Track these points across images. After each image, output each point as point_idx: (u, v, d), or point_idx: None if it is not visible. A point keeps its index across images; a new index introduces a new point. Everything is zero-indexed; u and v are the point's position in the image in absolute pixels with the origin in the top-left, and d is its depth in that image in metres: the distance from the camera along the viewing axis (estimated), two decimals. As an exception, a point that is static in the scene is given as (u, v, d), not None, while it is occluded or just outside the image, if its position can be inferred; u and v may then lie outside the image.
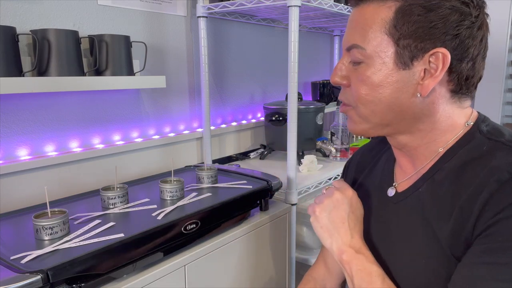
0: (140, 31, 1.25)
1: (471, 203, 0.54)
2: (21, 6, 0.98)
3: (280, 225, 1.17)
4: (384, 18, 0.58)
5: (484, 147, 0.59)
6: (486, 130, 0.61)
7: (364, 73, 0.60)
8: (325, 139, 1.62)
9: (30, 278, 0.62)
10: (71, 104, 1.11)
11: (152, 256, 0.82)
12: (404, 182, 0.69)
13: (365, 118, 0.64)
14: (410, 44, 0.57)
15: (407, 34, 0.56)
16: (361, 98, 0.62)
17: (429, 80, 0.58)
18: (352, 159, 0.87)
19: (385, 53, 0.58)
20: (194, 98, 1.47)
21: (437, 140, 0.63)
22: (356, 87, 0.62)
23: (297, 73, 1.16)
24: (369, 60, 0.60)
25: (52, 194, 1.01)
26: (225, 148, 1.60)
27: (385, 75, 0.59)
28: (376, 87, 0.60)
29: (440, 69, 0.57)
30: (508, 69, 1.84)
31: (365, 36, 0.59)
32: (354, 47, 0.61)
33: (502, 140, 0.58)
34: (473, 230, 0.54)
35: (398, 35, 0.57)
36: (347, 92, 0.65)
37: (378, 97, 0.60)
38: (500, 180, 0.53)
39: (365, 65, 0.60)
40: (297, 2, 1.12)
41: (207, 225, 0.92)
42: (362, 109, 0.63)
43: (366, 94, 0.61)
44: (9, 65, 0.89)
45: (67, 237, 0.77)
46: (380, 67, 0.59)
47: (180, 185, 1.00)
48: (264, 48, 1.76)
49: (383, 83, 0.59)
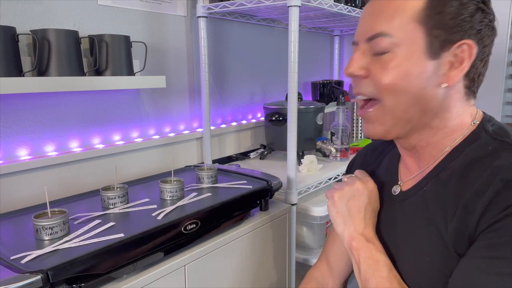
0: (140, 31, 1.25)
1: (475, 201, 0.55)
2: (21, 6, 0.98)
3: (280, 225, 1.17)
4: (415, 6, 0.57)
5: (490, 147, 0.59)
6: (492, 130, 0.61)
7: (391, 62, 0.59)
8: (325, 139, 1.61)
9: (30, 278, 0.62)
10: (71, 104, 1.11)
11: (152, 256, 0.82)
12: (409, 181, 0.69)
13: (389, 112, 0.61)
14: (441, 34, 0.57)
15: (439, 24, 0.57)
16: (388, 88, 0.59)
17: (456, 71, 0.59)
18: (356, 158, 0.87)
19: (415, 42, 0.58)
20: (194, 98, 1.47)
21: (445, 139, 0.63)
22: (381, 76, 0.60)
23: (297, 73, 1.16)
24: (397, 49, 0.58)
25: (52, 194, 1.01)
26: (225, 148, 1.60)
27: (414, 65, 0.58)
28: (404, 76, 0.58)
29: (467, 60, 0.58)
30: (508, 69, 1.84)
31: (394, 24, 0.58)
32: (380, 36, 0.59)
33: (508, 141, 0.58)
34: (476, 227, 0.54)
35: (431, 24, 0.57)
36: (365, 83, 0.62)
37: (406, 86, 0.59)
38: (505, 179, 0.53)
39: (391, 54, 0.59)
40: (297, 2, 1.12)
41: (207, 225, 0.92)
42: (388, 100, 0.60)
43: (393, 84, 0.59)
44: (9, 65, 0.89)
45: (67, 237, 0.77)
46: (409, 56, 0.58)
47: (180, 185, 1.00)
48: (264, 48, 1.76)
49: (412, 72, 0.58)
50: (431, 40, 0.57)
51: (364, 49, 0.62)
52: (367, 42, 0.61)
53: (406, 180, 0.70)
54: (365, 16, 0.63)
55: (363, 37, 0.62)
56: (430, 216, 0.61)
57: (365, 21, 0.62)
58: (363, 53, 0.62)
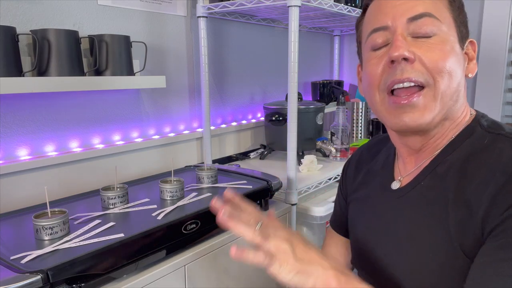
0: (140, 31, 1.25)
1: (478, 197, 0.54)
2: (21, 6, 0.98)
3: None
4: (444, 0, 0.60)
5: (485, 141, 0.59)
6: (486, 125, 0.62)
7: (441, 44, 0.58)
8: (325, 139, 1.62)
9: (30, 278, 0.62)
10: (71, 104, 1.11)
11: (152, 256, 0.82)
12: (406, 176, 0.68)
13: (441, 96, 0.58)
14: (462, 29, 0.62)
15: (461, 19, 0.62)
16: (443, 70, 0.57)
17: (472, 64, 0.63)
18: (351, 159, 0.86)
19: (453, 29, 0.60)
20: (194, 98, 1.47)
21: (445, 133, 0.63)
22: (436, 57, 0.57)
23: (297, 73, 1.16)
24: (442, 33, 0.58)
25: (52, 194, 1.01)
26: (225, 148, 1.60)
27: (458, 51, 0.60)
28: (455, 60, 0.59)
29: (474, 56, 0.63)
30: (508, 69, 1.84)
31: (437, 7, 0.59)
32: (427, 16, 0.57)
33: (503, 133, 0.59)
34: (482, 224, 0.53)
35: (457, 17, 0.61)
36: (414, 68, 0.57)
37: (456, 70, 0.58)
38: (506, 172, 0.53)
39: (438, 37, 0.58)
40: (297, 2, 1.12)
41: (207, 225, 0.92)
42: (442, 84, 0.58)
43: (448, 66, 0.57)
44: (9, 65, 0.89)
45: (67, 237, 0.77)
46: (453, 41, 0.59)
47: (180, 185, 1.00)
48: (264, 48, 1.76)
49: (458, 58, 0.59)
50: (459, 30, 0.61)
51: (402, 31, 0.58)
52: (408, 22, 0.58)
53: (404, 175, 0.69)
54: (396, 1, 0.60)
55: (402, 18, 0.58)
56: (431, 211, 0.60)
57: (400, 4, 0.59)
58: (403, 36, 0.58)
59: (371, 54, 0.63)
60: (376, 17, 0.62)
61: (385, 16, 0.60)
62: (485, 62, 1.81)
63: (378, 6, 0.63)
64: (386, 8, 0.60)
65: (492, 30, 1.77)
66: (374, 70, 0.62)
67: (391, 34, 0.59)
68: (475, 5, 1.81)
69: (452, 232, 0.56)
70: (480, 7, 1.80)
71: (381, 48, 0.61)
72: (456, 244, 0.56)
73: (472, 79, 1.87)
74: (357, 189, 0.79)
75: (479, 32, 1.81)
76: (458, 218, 0.56)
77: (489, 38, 1.78)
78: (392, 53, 0.57)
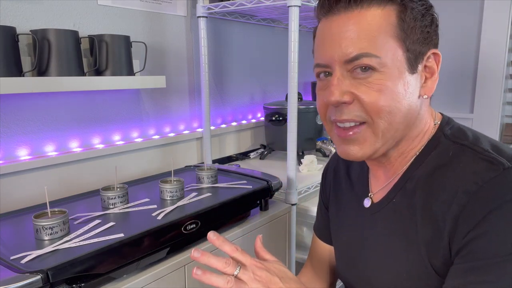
0: (140, 31, 1.25)
1: (443, 216, 0.54)
2: (21, 6, 0.98)
3: (280, 225, 1.17)
4: (390, 22, 0.56)
5: (450, 153, 0.58)
6: (451, 133, 0.61)
7: (380, 82, 0.55)
8: (325, 139, 1.62)
9: (30, 278, 0.62)
10: (71, 104, 1.11)
11: (152, 256, 0.82)
12: (378, 192, 0.67)
13: (382, 133, 0.58)
14: (415, 48, 0.57)
15: (413, 38, 0.56)
16: (381, 110, 0.56)
17: (430, 81, 0.59)
18: (329, 166, 0.84)
19: (398, 58, 0.56)
20: (194, 98, 1.47)
21: (411, 147, 0.62)
22: (372, 99, 0.56)
23: (297, 73, 1.16)
24: (384, 68, 0.55)
25: (52, 194, 1.01)
26: (225, 148, 1.60)
27: (402, 82, 0.56)
28: (395, 96, 0.56)
29: (437, 69, 0.59)
30: (508, 69, 1.84)
31: (376, 42, 0.55)
32: (364, 56, 0.55)
33: (466, 143, 0.58)
34: (449, 245, 0.53)
35: (406, 39, 0.56)
36: (352, 109, 0.57)
37: (398, 106, 0.56)
38: (468, 191, 0.52)
39: (379, 74, 0.55)
40: (297, 2, 1.12)
41: (207, 225, 0.92)
42: (381, 123, 0.57)
43: (386, 105, 0.56)
44: (9, 65, 0.89)
45: (67, 237, 0.77)
46: (396, 74, 0.56)
47: (180, 185, 1.00)
48: (264, 48, 1.76)
49: (401, 90, 0.56)
50: (408, 55, 0.57)
51: (340, 72, 0.57)
52: (346, 64, 0.56)
53: (376, 191, 0.68)
54: (335, 36, 0.57)
55: (340, 59, 0.56)
56: (403, 229, 0.60)
57: (339, 42, 0.56)
58: (341, 77, 0.57)
59: (319, 83, 0.63)
60: (318, 49, 0.61)
61: (324, 53, 0.58)
62: (485, 62, 1.81)
63: (321, 34, 0.60)
64: (326, 41, 0.58)
65: (492, 30, 1.77)
66: (320, 103, 0.62)
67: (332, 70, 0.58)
68: (475, 5, 1.81)
69: (422, 251, 0.56)
70: (480, 8, 1.80)
71: (328, 76, 0.60)
72: (428, 264, 0.56)
73: (472, 79, 1.87)
74: (335, 198, 0.78)
75: (479, 32, 1.81)
76: (427, 237, 0.56)
77: (489, 38, 1.78)
78: (327, 97, 0.58)
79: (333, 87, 0.57)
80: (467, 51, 1.87)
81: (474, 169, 0.53)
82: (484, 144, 0.57)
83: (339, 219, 0.76)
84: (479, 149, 0.56)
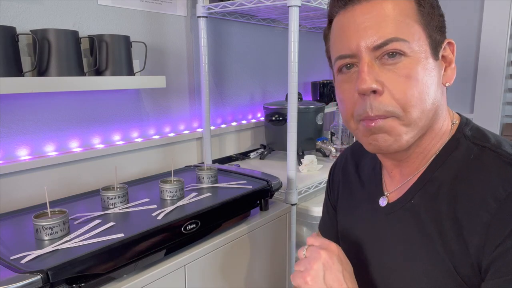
0: (140, 31, 1.25)
1: (472, 223, 0.52)
2: (21, 6, 0.98)
3: (280, 225, 1.17)
4: (412, 8, 0.55)
5: (471, 156, 0.57)
6: (471, 135, 0.59)
7: (409, 66, 0.54)
8: (325, 139, 1.62)
9: (30, 278, 0.62)
10: (71, 104, 1.11)
11: (152, 256, 0.82)
12: (393, 192, 0.65)
13: (413, 124, 0.55)
14: (435, 35, 0.57)
15: (432, 25, 0.56)
16: (412, 100, 0.54)
17: (450, 70, 0.59)
18: (337, 164, 0.82)
19: (424, 43, 0.55)
20: (194, 98, 1.47)
21: (432, 143, 0.60)
22: (403, 88, 0.54)
23: (297, 73, 1.16)
24: (413, 53, 0.54)
25: (52, 194, 1.01)
26: (225, 148, 1.60)
27: (430, 68, 0.55)
28: (426, 83, 0.54)
29: (453, 58, 0.59)
30: (508, 69, 1.84)
31: (402, 27, 0.54)
32: (394, 41, 0.53)
33: (488, 146, 0.56)
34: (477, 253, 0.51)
35: (428, 25, 0.56)
36: (384, 100, 0.54)
37: (428, 92, 0.55)
38: (497, 198, 0.51)
39: (407, 59, 0.54)
40: (297, 2, 1.12)
41: (207, 225, 0.92)
42: (413, 113, 0.54)
43: (418, 93, 0.54)
44: (9, 65, 0.89)
45: (67, 237, 0.77)
46: (423, 59, 0.55)
47: (180, 185, 1.00)
48: (264, 48, 1.76)
49: (430, 76, 0.55)
50: (431, 41, 0.56)
51: (368, 59, 0.55)
52: (374, 50, 0.54)
53: (391, 191, 0.66)
54: (360, 24, 0.55)
55: (368, 46, 0.54)
56: (425, 232, 0.58)
57: (364, 29, 0.55)
58: (371, 63, 0.55)
59: (342, 76, 0.60)
60: (341, 41, 0.58)
61: (349, 42, 0.56)
62: (485, 62, 1.81)
63: (341, 26, 0.58)
64: (350, 31, 0.56)
65: (492, 30, 1.77)
66: (346, 99, 0.60)
67: (358, 60, 0.56)
68: (475, 5, 1.81)
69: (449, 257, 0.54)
70: (480, 7, 1.80)
71: (351, 68, 0.58)
72: (452, 268, 0.54)
73: (472, 79, 1.87)
74: (346, 198, 0.76)
75: (479, 32, 1.81)
76: (454, 244, 0.54)
77: (489, 38, 1.78)
78: (359, 86, 0.55)
79: (363, 74, 0.54)
80: (467, 51, 1.87)
81: (501, 174, 0.52)
82: (507, 148, 0.55)
83: (349, 219, 0.74)
84: (504, 152, 0.54)
